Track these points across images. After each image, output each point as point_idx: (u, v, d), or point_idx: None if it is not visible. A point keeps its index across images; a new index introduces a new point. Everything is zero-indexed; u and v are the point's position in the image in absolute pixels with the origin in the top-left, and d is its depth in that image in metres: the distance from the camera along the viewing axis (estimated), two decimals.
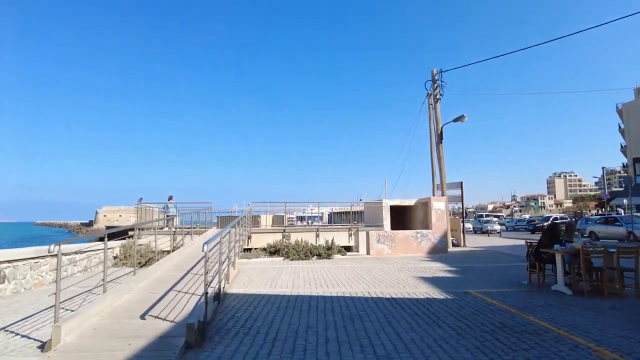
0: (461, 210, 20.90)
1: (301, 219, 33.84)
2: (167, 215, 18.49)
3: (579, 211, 73.51)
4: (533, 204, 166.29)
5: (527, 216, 77.26)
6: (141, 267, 12.29)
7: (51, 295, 6.46)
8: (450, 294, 7.96)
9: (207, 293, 4.87)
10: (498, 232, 32.49)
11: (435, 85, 20.28)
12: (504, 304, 6.90)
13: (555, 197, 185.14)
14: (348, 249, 17.10)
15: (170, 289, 6.68)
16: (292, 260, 14.35)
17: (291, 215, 31.14)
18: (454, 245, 19.77)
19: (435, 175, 19.89)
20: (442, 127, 19.98)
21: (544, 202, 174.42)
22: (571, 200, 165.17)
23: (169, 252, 13.42)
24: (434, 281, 9.56)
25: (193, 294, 6.50)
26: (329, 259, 14.69)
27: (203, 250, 4.73)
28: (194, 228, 15.10)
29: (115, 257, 12.81)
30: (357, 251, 17.56)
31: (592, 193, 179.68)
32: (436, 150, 19.86)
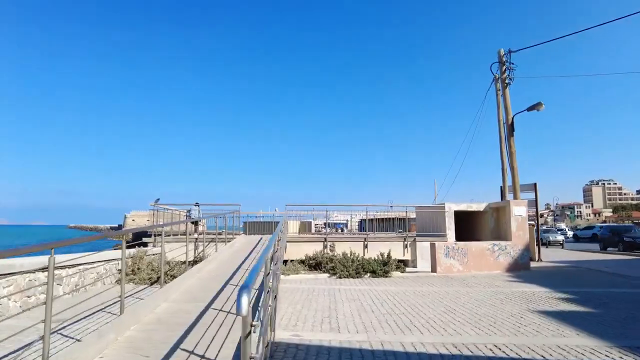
0: (535, 218, 17.34)
1: (327, 225, 31.00)
2: (190, 217, 15.96)
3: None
4: (569, 213, 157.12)
5: (562, 225, 70.72)
6: (152, 284, 9.60)
7: None
8: (634, 353, 4.79)
9: None
10: (560, 244, 28.37)
11: (504, 68, 16.99)
12: None
13: (592, 206, 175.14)
14: (403, 263, 13.97)
15: (175, 348, 3.76)
16: (340, 277, 11.35)
17: (318, 222, 28.31)
18: None
19: (505, 174, 16.51)
20: (513, 117, 16.64)
21: (580, 211, 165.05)
22: (611, 210, 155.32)
23: (190, 263, 10.71)
24: (570, 320, 6.34)
25: None
26: (387, 277, 11.59)
27: (241, 312, 1.73)
28: (219, 235, 12.30)
29: (120, 271, 10.12)
30: (415, 266, 14.40)
31: (635, 202, 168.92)
32: (506, 144, 16.50)
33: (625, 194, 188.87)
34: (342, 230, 29.42)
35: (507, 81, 16.85)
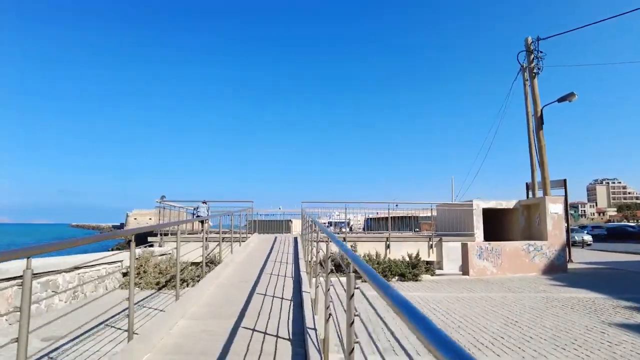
0: (566, 217, 16.26)
1: (330, 224, 30.18)
2: (198, 216, 14.99)
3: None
4: (573, 212, 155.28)
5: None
6: (159, 289, 8.61)
7: None
8: None
9: None
10: (583, 244, 26.81)
11: (532, 57, 15.92)
12: None
13: (597, 206, 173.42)
14: (429, 264, 12.94)
15: None
16: (365, 281, 10.31)
17: (322, 221, 27.35)
18: None
19: (535, 169, 15.45)
20: (542, 109, 15.58)
21: (584, 211, 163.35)
22: (615, 209, 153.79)
23: (199, 264, 9.70)
24: None
25: None
26: (417, 281, 10.56)
27: None
28: (230, 233, 11.26)
29: (125, 274, 9.14)
30: (441, 268, 13.36)
31: (639, 201, 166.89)
32: (535, 137, 15.44)
33: (629, 193, 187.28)
34: (350, 230, 28.44)
35: (535, 71, 15.79)
